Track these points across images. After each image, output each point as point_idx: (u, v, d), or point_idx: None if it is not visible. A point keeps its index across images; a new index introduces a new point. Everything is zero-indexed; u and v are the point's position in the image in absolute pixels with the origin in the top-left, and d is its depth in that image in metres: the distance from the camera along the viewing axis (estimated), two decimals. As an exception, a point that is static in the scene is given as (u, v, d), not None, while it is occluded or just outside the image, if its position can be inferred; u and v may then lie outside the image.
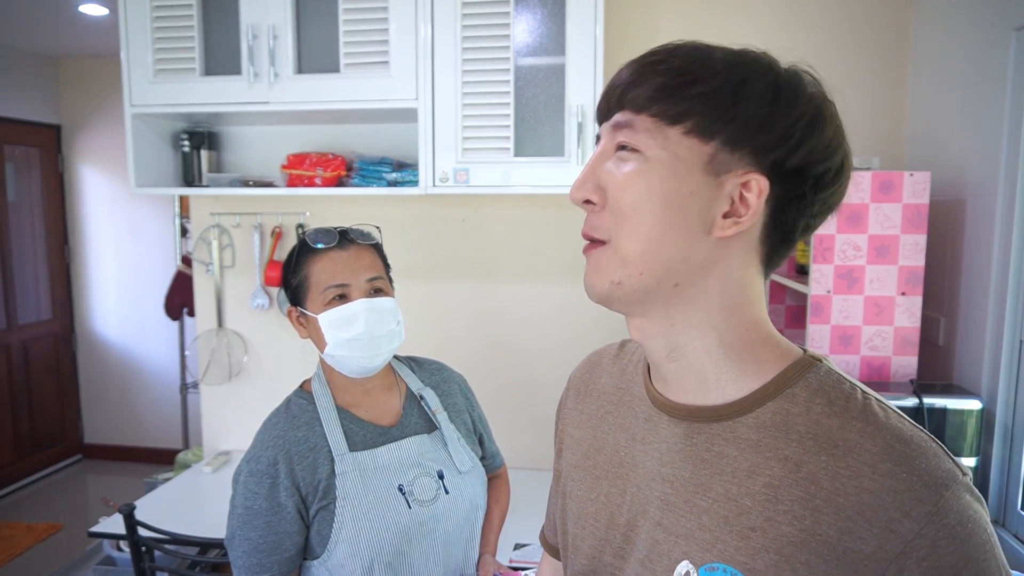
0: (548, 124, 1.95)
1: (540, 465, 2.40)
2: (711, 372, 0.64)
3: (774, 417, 0.61)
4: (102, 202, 4.57)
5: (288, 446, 1.18)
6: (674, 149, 0.59)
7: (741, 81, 0.58)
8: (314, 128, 2.34)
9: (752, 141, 0.59)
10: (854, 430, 0.58)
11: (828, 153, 0.61)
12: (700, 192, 0.59)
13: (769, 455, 0.60)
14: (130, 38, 2.06)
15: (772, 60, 0.61)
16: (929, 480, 0.55)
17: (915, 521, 0.55)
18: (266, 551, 1.15)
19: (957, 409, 1.60)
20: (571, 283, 2.32)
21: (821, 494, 0.57)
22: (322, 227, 1.25)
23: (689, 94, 0.58)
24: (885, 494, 0.56)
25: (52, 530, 3.73)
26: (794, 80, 0.60)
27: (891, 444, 0.57)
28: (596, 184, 0.62)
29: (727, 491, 0.61)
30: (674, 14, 2.20)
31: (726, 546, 0.61)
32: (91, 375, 4.75)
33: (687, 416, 0.65)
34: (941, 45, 1.94)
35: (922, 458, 0.56)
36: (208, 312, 2.51)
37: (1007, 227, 1.60)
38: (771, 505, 0.59)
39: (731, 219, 0.60)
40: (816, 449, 0.59)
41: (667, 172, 0.59)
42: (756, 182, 0.59)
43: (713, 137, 0.59)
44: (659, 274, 0.61)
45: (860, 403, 0.60)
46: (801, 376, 0.62)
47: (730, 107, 0.58)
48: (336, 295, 1.21)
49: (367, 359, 1.22)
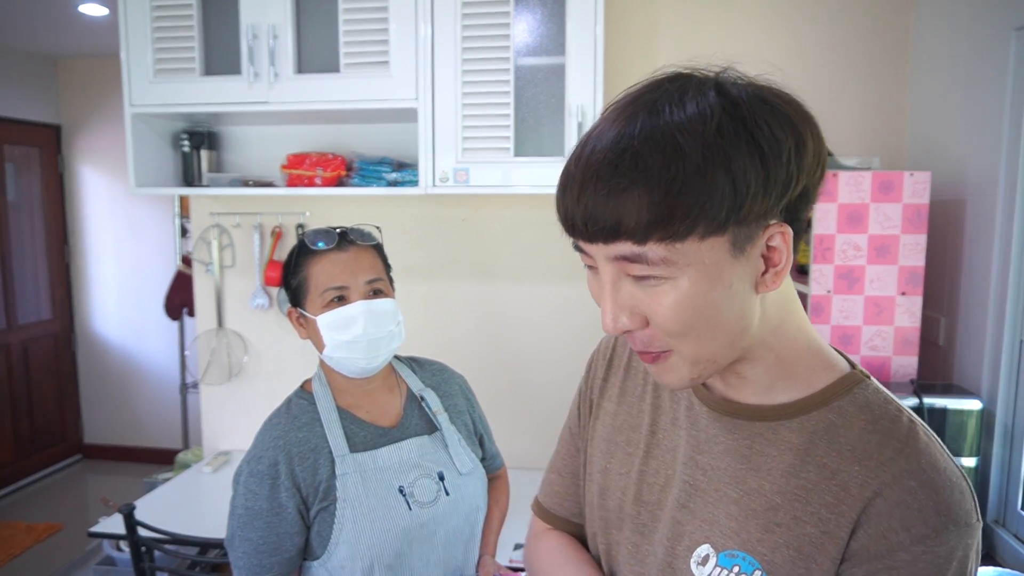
0: (548, 124, 1.95)
1: (540, 465, 2.39)
2: (766, 381, 0.66)
3: (818, 425, 0.63)
4: (102, 202, 4.57)
5: (289, 447, 1.18)
6: (697, 259, 0.55)
7: (726, 160, 0.53)
8: (314, 128, 2.34)
9: (762, 206, 0.55)
10: (892, 447, 0.60)
11: (817, 162, 0.59)
12: (737, 276, 0.57)
13: (808, 460, 0.62)
14: (130, 38, 2.06)
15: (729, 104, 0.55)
16: (943, 510, 0.57)
17: (909, 537, 0.57)
18: (267, 552, 1.15)
19: (957, 409, 1.60)
20: (571, 283, 2.32)
21: (847, 500, 0.60)
22: (322, 228, 1.24)
23: (687, 205, 0.53)
24: (897, 507, 0.58)
25: (52, 530, 3.73)
26: (766, 120, 0.55)
27: (923, 467, 0.59)
28: (629, 312, 0.59)
29: (760, 487, 0.63)
30: (674, 14, 2.20)
31: (749, 536, 0.63)
32: (91, 375, 4.75)
33: (730, 412, 0.67)
34: (941, 45, 1.94)
35: (947, 490, 0.58)
36: (208, 312, 2.51)
37: (1007, 227, 1.60)
38: (800, 506, 0.61)
39: (771, 272, 0.59)
40: (852, 460, 0.60)
41: (703, 284, 0.56)
42: (779, 233, 0.57)
43: (726, 227, 0.54)
44: (729, 353, 0.62)
45: (905, 426, 0.62)
46: (850, 391, 0.64)
47: (731, 195, 0.53)
48: (335, 297, 1.20)
49: (366, 360, 1.22)
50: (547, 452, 2.74)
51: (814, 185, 0.59)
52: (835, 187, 1.73)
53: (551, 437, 2.64)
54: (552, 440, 2.73)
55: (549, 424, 2.40)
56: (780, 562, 0.61)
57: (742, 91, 0.56)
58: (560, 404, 2.38)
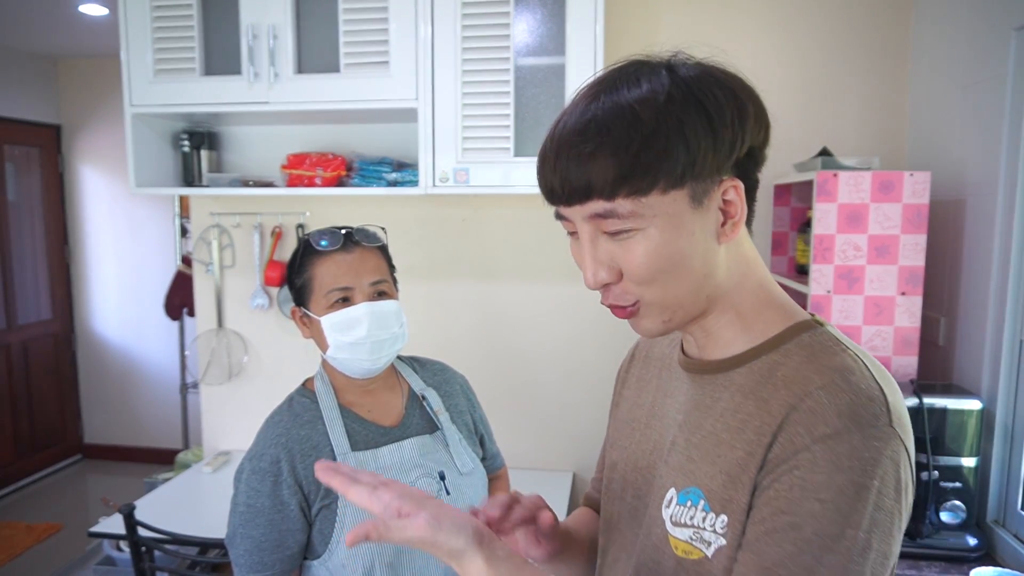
0: (548, 124, 1.92)
1: (541, 466, 2.40)
2: (729, 336, 0.71)
3: (763, 366, 0.68)
4: (102, 202, 4.58)
5: (291, 444, 1.18)
6: (662, 210, 0.63)
7: (678, 123, 0.61)
8: (314, 128, 2.34)
9: (714, 163, 0.63)
10: (814, 370, 0.64)
11: (760, 126, 0.66)
12: (697, 225, 0.65)
13: (750, 397, 0.67)
14: (130, 38, 2.06)
15: (678, 79, 0.63)
16: (845, 412, 0.60)
17: (811, 439, 0.60)
18: (268, 549, 1.15)
19: (957, 409, 1.60)
20: (571, 283, 2.32)
21: (769, 420, 0.64)
22: (327, 228, 1.24)
23: (647, 163, 0.61)
24: (804, 413, 0.62)
25: (52, 530, 3.73)
26: (711, 89, 0.63)
27: (834, 380, 0.62)
28: (607, 267, 0.66)
29: (713, 428, 0.69)
30: (674, 14, 2.20)
31: (699, 472, 0.68)
32: (91, 375, 4.75)
33: (698, 369, 0.73)
34: (941, 45, 1.94)
35: (852, 395, 0.61)
36: (208, 312, 2.51)
37: (1007, 227, 1.60)
38: (738, 435, 0.66)
39: (729, 223, 0.67)
40: (783, 387, 0.65)
41: (669, 232, 0.64)
42: (732, 187, 0.65)
43: (684, 181, 0.63)
44: (696, 299, 0.68)
45: (836, 354, 0.65)
46: (798, 335, 0.68)
47: (685, 153, 0.61)
48: (339, 298, 1.20)
49: (369, 362, 1.22)
50: (547, 452, 2.75)
51: (759, 146, 0.67)
52: (835, 187, 1.73)
53: (551, 437, 2.65)
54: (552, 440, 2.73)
55: (549, 424, 2.40)
56: (716, 488, 0.66)
57: (690, 69, 0.65)
58: (560, 404, 2.38)
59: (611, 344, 2.29)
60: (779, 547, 0.60)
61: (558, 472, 2.37)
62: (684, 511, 0.69)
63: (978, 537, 1.59)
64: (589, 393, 2.35)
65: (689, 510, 0.68)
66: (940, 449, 1.60)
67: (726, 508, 0.65)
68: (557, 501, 2.14)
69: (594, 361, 2.33)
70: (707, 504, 0.66)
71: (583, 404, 2.36)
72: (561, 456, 2.40)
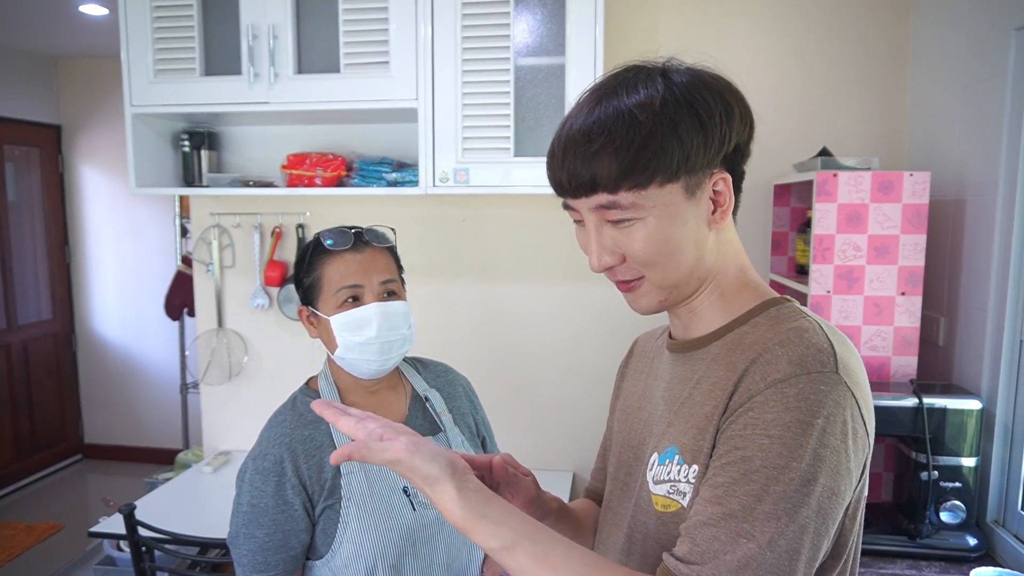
0: (548, 124, 1.95)
1: (541, 466, 2.40)
2: (710, 315, 0.79)
3: (734, 337, 0.75)
4: (102, 202, 4.58)
5: (294, 444, 1.18)
6: (659, 201, 0.71)
7: (672, 124, 0.69)
8: (314, 128, 2.34)
9: (704, 158, 0.71)
10: (773, 332, 0.71)
11: (744, 124, 0.74)
12: (690, 214, 0.73)
13: (721, 362, 0.74)
14: (130, 38, 2.06)
15: (672, 84, 0.71)
16: (795, 359, 0.67)
17: (764, 384, 0.67)
18: (272, 549, 1.15)
19: (957, 409, 1.60)
20: (571, 283, 2.32)
21: (732, 378, 0.71)
22: (336, 227, 1.23)
23: (646, 160, 0.68)
24: (759, 364, 0.68)
25: (52, 530, 3.73)
26: (701, 93, 0.71)
27: (788, 337, 0.69)
28: (610, 252, 0.74)
29: (690, 394, 0.76)
30: (674, 14, 2.20)
31: (674, 432, 0.76)
32: (91, 375, 4.75)
33: (681, 348, 0.81)
34: (941, 45, 1.94)
35: (803, 346, 0.68)
36: (208, 312, 2.51)
37: (1007, 227, 1.60)
38: (708, 396, 0.73)
39: (718, 211, 0.74)
40: (747, 350, 0.72)
41: (666, 221, 0.71)
42: (721, 179, 0.73)
43: (679, 175, 0.70)
44: (690, 280, 0.76)
45: (796, 319, 0.72)
46: (766, 309, 0.76)
47: (679, 151, 0.69)
48: (349, 297, 1.20)
49: (378, 362, 1.22)
50: (547, 452, 2.75)
51: (744, 142, 0.75)
52: (835, 187, 1.73)
53: (551, 436, 2.65)
54: (552, 439, 2.73)
55: (549, 424, 2.40)
56: (687, 443, 0.73)
57: (682, 75, 0.72)
58: (560, 403, 2.38)
59: (611, 344, 2.29)
60: (729, 476, 0.66)
61: (558, 472, 2.37)
62: (663, 469, 0.75)
63: (978, 537, 1.59)
64: (589, 392, 2.35)
65: (667, 467, 0.75)
66: (940, 449, 1.60)
67: (696, 458, 0.71)
68: (557, 501, 2.14)
69: (594, 360, 2.33)
70: (681, 458, 0.73)
71: (583, 403, 2.36)
72: (561, 456, 2.40)
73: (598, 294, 2.29)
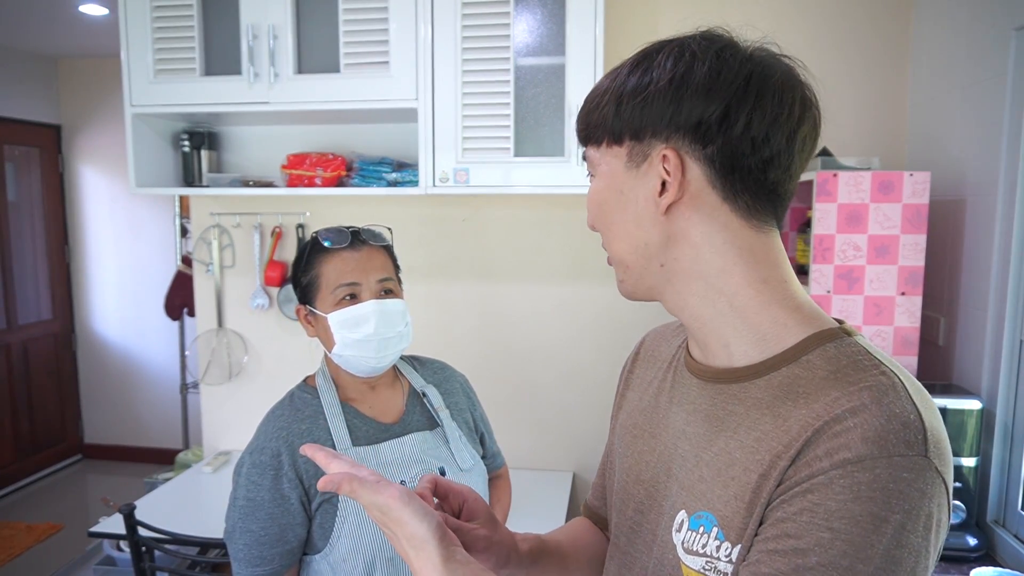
0: (548, 124, 1.95)
1: (541, 465, 2.40)
2: (731, 336, 0.67)
3: (783, 380, 0.63)
4: (102, 202, 4.57)
5: (291, 438, 1.19)
6: (605, 162, 0.70)
7: (619, 94, 0.67)
8: (314, 128, 2.34)
9: (639, 121, 0.66)
10: (840, 388, 0.58)
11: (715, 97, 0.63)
12: (630, 185, 0.68)
13: (767, 412, 0.62)
14: (130, 38, 2.06)
15: (642, 56, 0.69)
16: (872, 438, 0.54)
17: (831, 463, 0.55)
18: (268, 543, 1.15)
19: (957, 409, 1.60)
20: (572, 283, 2.32)
21: (788, 442, 0.59)
22: (334, 226, 1.25)
23: (593, 121, 0.70)
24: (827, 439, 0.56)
25: (52, 530, 3.73)
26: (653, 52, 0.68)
27: (864, 402, 0.56)
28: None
29: (726, 445, 0.64)
30: (674, 14, 2.20)
31: (712, 495, 0.64)
32: (91, 375, 4.75)
33: (711, 378, 0.69)
34: (941, 45, 1.94)
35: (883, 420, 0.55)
36: (208, 312, 2.51)
37: (1007, 227, 1.60)
38: (752, 455, 0.61)
39: (665, 194, 0.66)
40: (803, 405, 0.60)
41: (604, 183, 0.70)
42: (667, 154, 0.64)
43: (622, 139, 0.67)
44: (639, 262, 0.69)
45: (866, 369, 0.59)
46: (822, 345, 0.63)
47: (615, 114, 0.67)
48: (347, 295, 1.21)
49: (376, 359, 1.23)
50: (547, 452, 2.75)
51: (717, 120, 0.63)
52: (835, 187, 1.73)
53: (551, 437, 2.65)
54: (552, 440, 2.73)
55: (549, 424, 2.40)
56: (731, 515, 0.61)
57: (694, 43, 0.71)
58: (560, 404, 2.38)
59: (611, 344, 2.29)
60: (776, 569, 0.55)
61: (558, 472, 2.37)
62: (696, 537, 0.64)
63: (978, 537, 1.59)
64: (589, 393, 2.35)
65: (702, 537, 0.64)
66: (940, 449, 1.60)
67: (740, 537, 0.61)
68: (557, 501, 2.14)
69: (594, 361, 2.33)
70: (721, 532, 0.62)
71: (583, 404, 2.36)
72: (561, 456, 2.40)
73: (599, 294, 2.29)
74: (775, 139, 0.63)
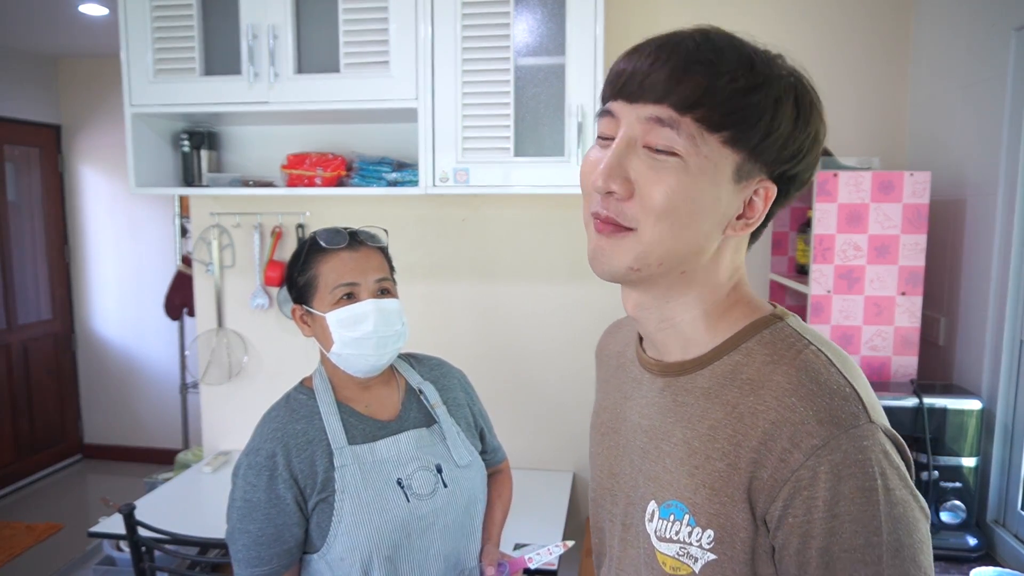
0: (548, 124, 1.95)
1: (540, 465, 2.40)
2: (691, 335, 0.70)
3: (726, 369, 0.67)
4: (102, 202, 4.57)
5: (287, 439, 1.19)
6: (712, 157, 0.61)
7: (778, 98, 0.61)
8: (314, 128, 2.34)
9: (774, 155, 0.63)
10: (779, 371, 0.63)
11: (816, 157, 0.67)
12: (725, 198, 0.64)
13: (715, 401, 0.66)
14: (130, 38, 2.06)
15: (791, 70, 0.64)
16: (825, 417, 0.59)
17: (802, 453, 0.59)
18: (265, 543, 1.16)
19: (957, 409, 1.60)
20: (571, 282, 2.32)
21: (743, 430, 0.63)
22: (332, 227, 1.26)
23: (738, 105, 0.60)
24: (783, 425, 0.60)
25: (52, 530, 3.73)
26: (808, 95, 0.64)
27: (801, 381, 0.61)
28: (624, 176, 0.62)
29: (684, 435, 0.68)
30: (674, 14, 2.21)
31: (679, 484, 0.67)
32: (91, 375, 4.74)
33: (663, 372, 0.72)
34: (941, 45, 1.94)
35: (826, 397, 0.60)
36: (208, 312, 2.51)
37: (1007, 227, 1.60)
38: (710, 444, 0.65)
39: (743, 220, 0.66)
40: (749, 392, 0.64)
41: (705, 179, 0.62)
42: (768, 189, 0.65)
43: (744, 148, 0.62)
44: (674, 264, 0.65)
45: (797, 350, 0.64)
46: (758, 331, 0.67)
47: (769, 122, 0.61)
48: (345, 294, 1.22)
49: (374, 358, 1.23)
50: (547, 451, 2.74)
51: (806, 171, 0.66)
52: (835, 187, 1.73)
53: (550, 437, 2.65)
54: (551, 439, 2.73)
55: (549, 424, 2.40)
56: (701, 502, 0.64)
57: (800, 68, 0.66)
58: (559, 403, 2.38)
59: (611, 344, 2.29)
60: (814, 572, 0.59)
61: (558, 472, 2.37)
62: (668, 525, 0.67)
63: (978, 537, 1.59)
64: (589, 393, 2.33)
65: (673, 524, 0.67)
66: (940, 449, 1.60)
67: (712, 523, 0.63)
68: (557, 501, 2.14)
69: (593, 361, 2.33)
70: (692, 518, 0.65)
71: (583, 404, 2.36)
72: (561, 455, 2.40)
73: (598, 294, 2.29)
74: (815, 168, 0.67)
